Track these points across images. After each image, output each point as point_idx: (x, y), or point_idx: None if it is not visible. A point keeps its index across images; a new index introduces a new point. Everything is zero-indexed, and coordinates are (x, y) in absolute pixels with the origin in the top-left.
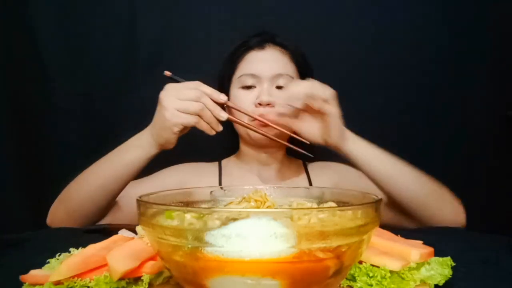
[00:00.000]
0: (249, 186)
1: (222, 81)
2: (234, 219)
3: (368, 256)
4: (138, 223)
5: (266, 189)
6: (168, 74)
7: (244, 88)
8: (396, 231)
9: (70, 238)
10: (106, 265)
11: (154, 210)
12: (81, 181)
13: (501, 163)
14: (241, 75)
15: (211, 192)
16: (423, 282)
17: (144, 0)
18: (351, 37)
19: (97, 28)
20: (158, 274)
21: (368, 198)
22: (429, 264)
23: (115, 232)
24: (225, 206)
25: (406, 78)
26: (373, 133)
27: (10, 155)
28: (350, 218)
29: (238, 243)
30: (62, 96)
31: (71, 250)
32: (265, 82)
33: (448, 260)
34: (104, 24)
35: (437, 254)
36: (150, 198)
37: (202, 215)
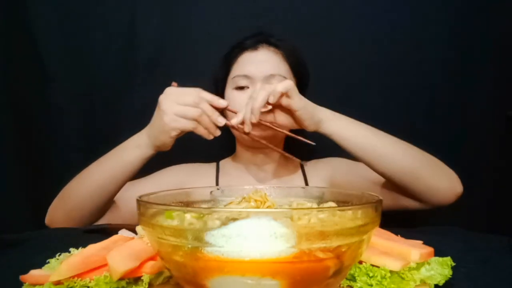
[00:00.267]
0: (249, 186)
1: (217, 82)
2: (234, 219)
3: (368, 256)
4: (138, 223)
5: (266, 189)
6: (175, 85)
7: (237, 89)
8: (396, 231)
9: (70, 238)
10: (106, 265)
11: (154, 210)
12: (79, 181)
13: (501, 163)
14: (234, 76)
15: (211, 192)
16: (423, 282)
17: (144, 0)
18: (351, 37)
19: (97, 28)
20: (158, 274)
21: (368, 198)
22: (429, 264)
23: (115, 232)
24: (225, 206)
25: (406, 78)
26: None
27: (10, 155)
28: (350, 218)
29: (238, 243)
30: (62, 96)
31: (71, 250)
32: (258, 82)
33: (448, 260)
34: (104, 24)
35: (437, 254)
36: (150, 198)
37: (202, 215)
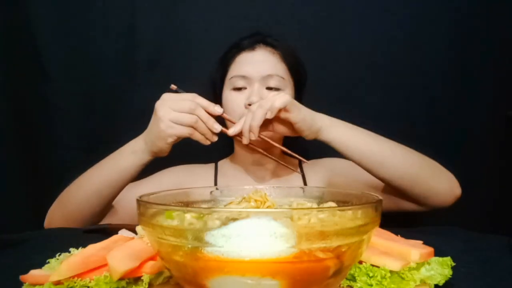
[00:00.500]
0: (249, 186)
1: (215, 83)
2: (234, 219)
3: (368, 256)
4: (138, 223)
5: (266, 189)
6: (174, 87)
7: (235, 89)
8: (396, 231)
9: (70, 238)
10: (106, 265)
11: (154, 210)
12: (77, 186)
13: (501, 163)
14: (232, 77)
15: (211, 192)
16: (423, 282)
17: (144, 0)
18: (351, 37)
19: (97, 28)
20: (158, 274)
21: (368, 198)
22: (429, 264)
23: (115, 232)
24: (225, 206)
25: (406, 78)
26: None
27: (10, 155)
28: (350, 218)
29: (238, 243)
30: (62, 96)
31: (71, 250)
32: (255, 83)
33: (448, 260)
34: (104, 24)
35: (437, 254)
36: (150, 198)
37: (202, 215)
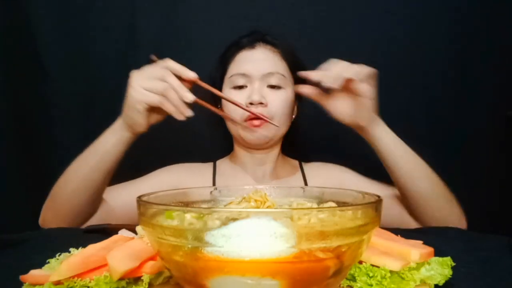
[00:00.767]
0: (249, 186)
1: (214, 82)
2: (234, 219)
3: (368, 256)
4: (138, 223)
5: (266, 189)
6: (154, 58)
7: (235, 88)
8: (396, 231)
9: (70, 238)
10: (106, 265)
11: (154, 210)
12: (63, 178)
13: (501, 163)
14: (232, 75)
15: (211, 192)
16: (423, 282)
17: (144, 0)
18: (351, 37)
19: (97, 28)
20: (158, 274)
21: (368, 198)
22: (429, 264)
23: (115, 232)
24: (225, 206)
25: (406, 78)
26: None
27: (10, 155)
28: (350, 218)
29: (238, 243)
30: (62, 96)
31: (71, 250)
32: (256, 81)
33: (448, 260)
34: (104, 24)
35: (437, 254)
36: (150, 198)
37: (202, 215)
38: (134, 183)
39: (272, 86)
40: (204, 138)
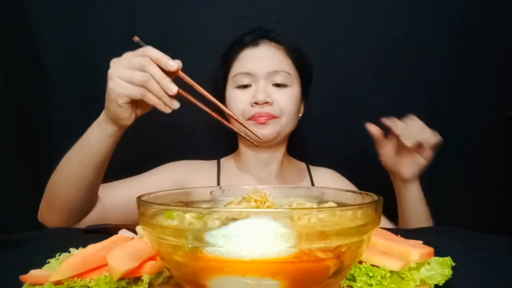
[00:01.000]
0: (249, 186)
1: (217, 81)
2: (234, 219)
3: (368, 256)
4: (138, 223)
5: (266, 189)
6: (136, 39)
7: (239, 87)
8: (396, 231)
9: (70, 238)
10: (106, 265)
11: (154, 210)
12: (55, 173)
13: (501, 163)
14: (235, 74)
15: (211, 192)
16: (423, 282)
17: (144, 0)
18: (351, 37)
19: (97, 28)
20: (158, 274)
21: (368, 198)
22: (429, 264)
23: (115, 232)
24: (225, 206)
25: (406, 78)
26: None
27: (10, 155)
28: (350, 218)
29: (238, 243)
30: (62, 96)
31: (71, 250)
32: (261, 80)
33: (448, 260)
34: (104, 24)
35: (437, 254)
36: (150, 198)
37: (202, 215)
38: (135, 179)
39: (277, 85)
40: (204, 138)
